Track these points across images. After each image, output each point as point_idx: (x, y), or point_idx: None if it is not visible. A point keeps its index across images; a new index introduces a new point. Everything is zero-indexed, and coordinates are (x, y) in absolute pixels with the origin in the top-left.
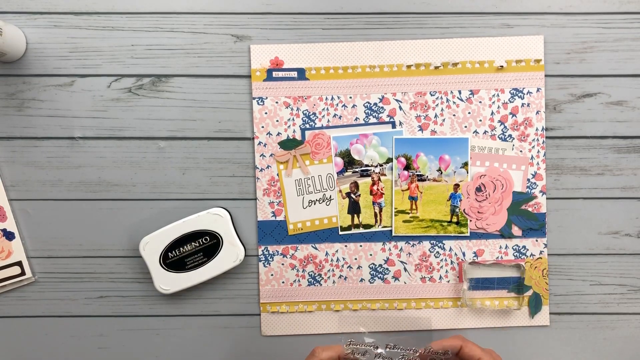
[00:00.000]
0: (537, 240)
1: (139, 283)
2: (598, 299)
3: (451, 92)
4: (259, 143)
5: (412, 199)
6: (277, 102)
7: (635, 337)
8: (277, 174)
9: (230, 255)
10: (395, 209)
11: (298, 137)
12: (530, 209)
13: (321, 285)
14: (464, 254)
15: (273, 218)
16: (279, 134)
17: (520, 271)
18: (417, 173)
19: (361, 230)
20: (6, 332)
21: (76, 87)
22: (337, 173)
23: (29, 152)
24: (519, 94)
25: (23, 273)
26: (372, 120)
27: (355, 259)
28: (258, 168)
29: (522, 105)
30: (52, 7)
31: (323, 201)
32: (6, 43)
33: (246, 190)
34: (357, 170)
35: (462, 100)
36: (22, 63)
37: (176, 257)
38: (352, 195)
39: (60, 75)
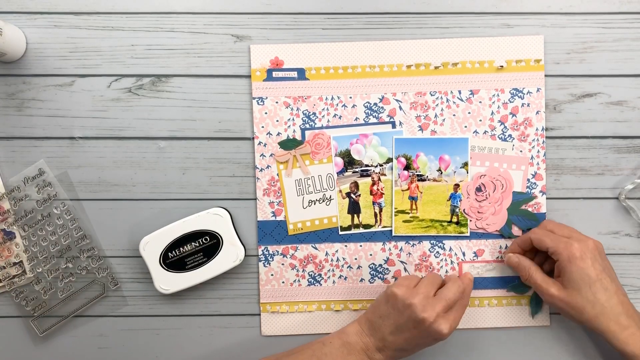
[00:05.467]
0: None
1: (139, 283)
2: None
3: (451, 92)
4: (259, 143)
5: (412, 199)
6: (277, 102)
7: None
8: (277, 174)
9: (230, 255)
10: (395, 209)
11: (298, 137)
12: (530, 209)
13: (321, 285)
14: (464, 254)
15: (273, 218)
16: (279, 134)
17: None
18: (417, 173)
19: (361, 230)
20: (6, 332)
21: (76, 87)
22: (337, 173)
23: (29, 152)
24: (519, 94)
25: (23, 273)
26: (372, 120)
27: (355, 259)
28: (258, 168)
29: (522, 105)
30: (52, 7)
31: (323, 201)
32: (6, 43)
33: (246, 190)
34: (357, 170)
35: (462, 100)
36: (22, 63)
37: (176, 257)
38: (352, 195)
39: (60, 75)
